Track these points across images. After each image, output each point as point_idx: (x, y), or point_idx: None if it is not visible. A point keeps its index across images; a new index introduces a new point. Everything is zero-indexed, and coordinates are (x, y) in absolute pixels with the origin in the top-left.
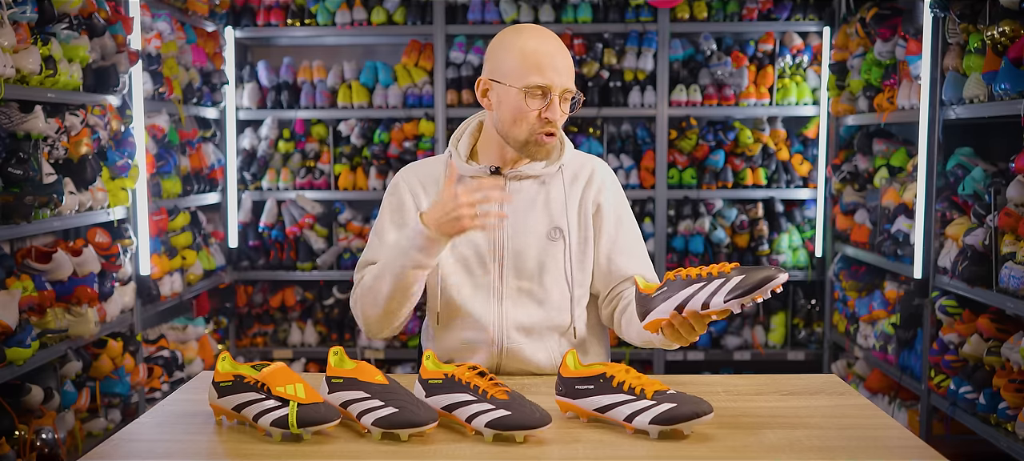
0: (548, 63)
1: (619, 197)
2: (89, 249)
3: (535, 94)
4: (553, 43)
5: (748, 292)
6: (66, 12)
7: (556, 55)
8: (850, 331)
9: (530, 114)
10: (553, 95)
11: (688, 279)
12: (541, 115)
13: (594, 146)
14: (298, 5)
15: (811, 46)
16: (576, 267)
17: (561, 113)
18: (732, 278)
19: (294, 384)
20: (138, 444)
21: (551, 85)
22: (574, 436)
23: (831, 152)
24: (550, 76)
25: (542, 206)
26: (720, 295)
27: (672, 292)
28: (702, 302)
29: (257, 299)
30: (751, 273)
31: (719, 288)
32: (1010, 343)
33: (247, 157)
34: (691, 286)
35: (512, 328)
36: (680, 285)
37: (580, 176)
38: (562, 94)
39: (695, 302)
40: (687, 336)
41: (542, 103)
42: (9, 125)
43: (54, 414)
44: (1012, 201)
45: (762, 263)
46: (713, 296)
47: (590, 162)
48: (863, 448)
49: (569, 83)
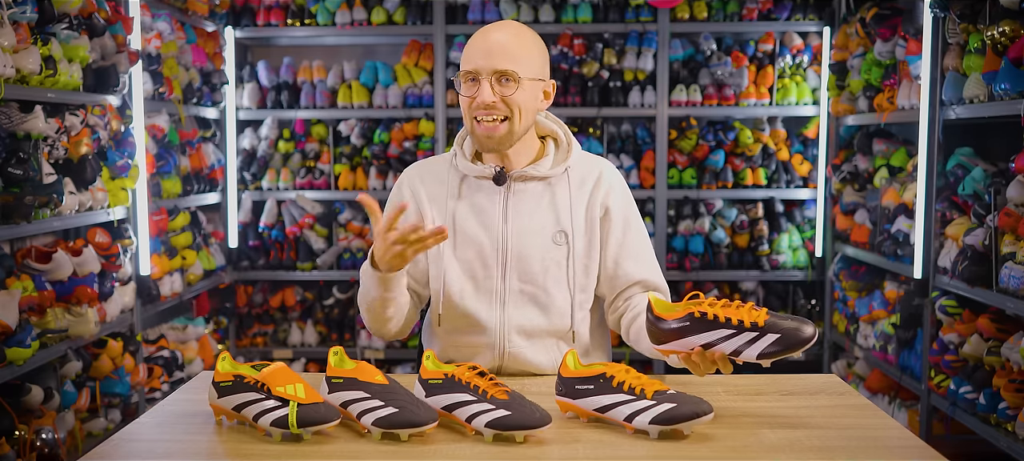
0: (477, 51)
1: (627, 200)
2: (89, 249)
3: (467, 80)
4: (496, 32)
5: (783, 353)
6: (66, 12)
7: (490, 40)
8: (850, 331)
9: (466, 102)
10: (481, 79)
11: (715, 321)
12: (474, 101)
13: (594, 146)
14: (298, 5)
15: (811, 46)
16: (580, 272)
17: (496, 96)
18: (767, 335)
19: (294, 384)
20: (138, 444)
21: (476, 69)
22: (574, 436)
23: (831, 152)
24: (476, 61)
25: (547, 208)
26: (752, 350)
27: (696, 329)
28: (733, 350)
29: (257, 299)
30: (788, 333)
31: (752, 343)
32: (1010, 343)
33: (247, 157)
34: (718, 330)
35: (513, 332)
36: (705, 325)
37: (587, 179)
38: (496, 77)
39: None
40: (707, 370)
41: (473, 89)
42: (9, 125)
43: (54, 414)
44: (1012, 201)
45: (761, 264)
46: (744, 349)
47: (598, 164)
48: (863, 448)
49: (503, 65)
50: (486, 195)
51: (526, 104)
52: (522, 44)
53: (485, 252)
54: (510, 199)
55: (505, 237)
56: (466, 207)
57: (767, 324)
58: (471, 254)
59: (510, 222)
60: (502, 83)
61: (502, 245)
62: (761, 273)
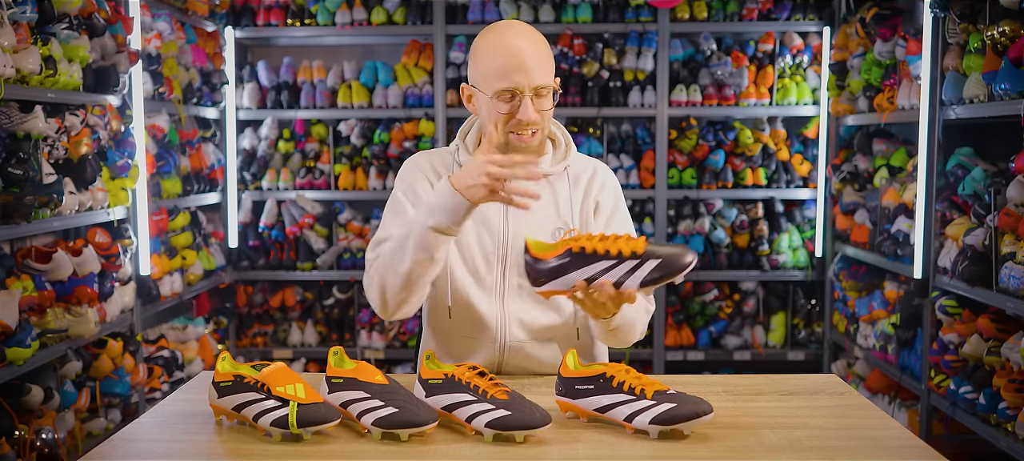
0: (513, 65)
1: (617, 196)
2: (89, 249)
3: (504, 98)
4: (521, 41)
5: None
6: (66, 12)
7: (523, 54)
8: (850, 331)
9: (503, 118)
10: (522, 97)
11: (594, 254)
12: (513, 118)
13: (594, 146)
14: (298, 5)
15: (811, 46)
16: None
17: (536, 111)
18: (647, 261)
19: (294, 384)
20: (138, 444)
21: (517, 87)
22: (574, 436)
23: (831, 152)
24: (515, 78)
25: (549, 205)
26: (634, 279)
27: (575, 265)
28: (615, 281)
29: (257, 299)
30: (668, 259)
31: (633, 272)
32: (1010, 343)
33: (247, 157)
34: (597, 262)
35: (514, 326)
36: (584, 260)
37: (582, 178)
38: (535, 92)
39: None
40: (598, 310)
41: (513, 106)
42: (9, 125)
43: (54, 414)
44: (1012, 201)
45: (761, 264)
46: (626, 279)
47: (592, 165)
48: (863, 448)
49: (540, 79)
50: None
51: (551, 111)
52: (547, 53)
53: (487, 248)
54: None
55: (506, 233)
56: None
57: (646, 252)
58: (473, 250)
59: (510, 219)
60: (539, 98)
61: (502, 240)
62: (761, 273)
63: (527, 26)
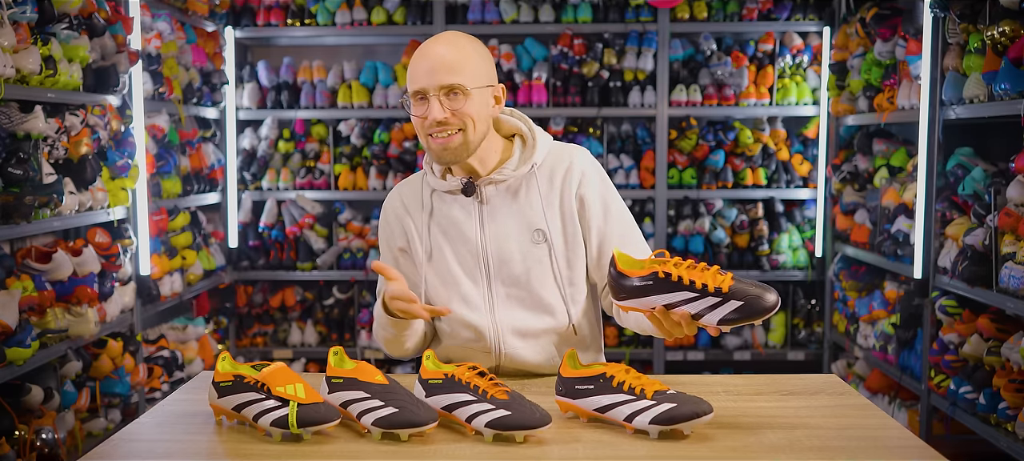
0: (422, 68)
1: (603, 184)
2: (89, 249)
3: (417, 100)
4: (438, 47)
5: (745, 319)
6: (66, 12)
7: (433, 57)
8: (850, 331)
9: (419, 122)
10: (430, 96)
11: (679, 283)
12: (425, 119)
13: (594, 146)
14: (298, 5)
15: (811, 46)
16: (563, 266)
17: (448, 110)
18: (730, 301)
19: (294, 384)
20: (138, 444)
21: (423, 88)
22: (574, 436)
23: (831, 152)
24: (421, 80)
25: (521, 210)
26: (714, 316)
27: (658, 289)
28: (694, 313)
29: (257, 299)
30: (751, 301)
31: (714, 308)
32: (1010, 343)
33: (247, 157)
34: (681, 292)
35: (508, 333)
36: (668, 286)
37: (557, 172)
38: (446, 91)
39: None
40: (673, 331)
41: (423, 108)
42: (9, 125)
43: (54, 414)
44: (1012, 201)
45: (761, 264)
46: (706, 313)
47: (567, 155)
48: (863, 448)
49: (450, 79)
50: (460, 207)
51: (478, 113)
52: (464, 55)
53: (468, 265)
54: (483, 207)
55: (484, 245)
56: (443, 222)
57: (731, 290)
58: (455, 273)
59: (487, 229)
60: (451, 97)
61: (482, 253)
62: (761, 273)
63: (459, 35)
